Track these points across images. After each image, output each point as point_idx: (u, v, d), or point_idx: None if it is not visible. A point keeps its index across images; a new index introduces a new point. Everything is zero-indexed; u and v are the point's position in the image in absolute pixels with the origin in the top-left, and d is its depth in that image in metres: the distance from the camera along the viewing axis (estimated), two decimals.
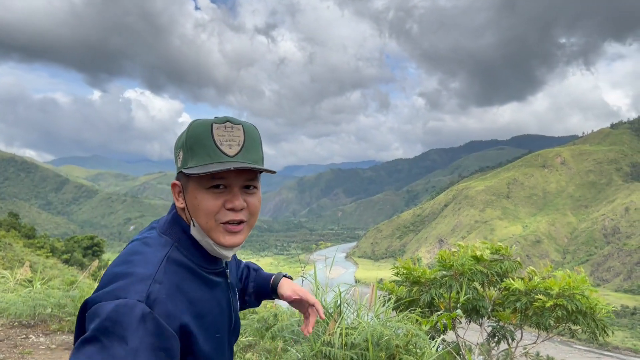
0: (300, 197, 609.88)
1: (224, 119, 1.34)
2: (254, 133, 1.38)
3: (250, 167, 1.30)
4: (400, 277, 5.99)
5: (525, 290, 5.35)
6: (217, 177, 1.32)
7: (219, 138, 1.31)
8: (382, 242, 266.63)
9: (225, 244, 1.37)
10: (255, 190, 1.40)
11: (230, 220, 1.35)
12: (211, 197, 1.33)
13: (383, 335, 3.58)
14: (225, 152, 1.30)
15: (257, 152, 1.37)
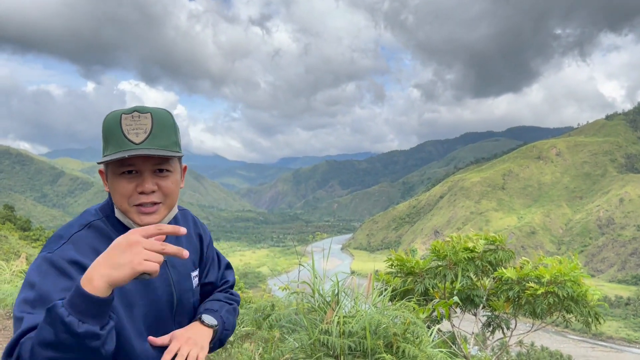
0: (295, 189, 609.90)
1: (132, 109, 1.45)
2: (165, 119, 1.48)
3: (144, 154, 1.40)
4: (395, 268, 6.04)
5: (518, 279, 5.42)
6: (127, 164, 1.45)
7: (127, 127, 1.42)
8: (377, 233, 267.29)
9: (140, 224, 1.48)
10: (168, 174, 1.51)
11: (142, 202, 1.48)
12: (124, 182, 1.46)
13: (381, 324, 3.60)
14: (132, 140, 1.41)
15: (166, 137, 1.47)
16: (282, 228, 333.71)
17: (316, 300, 4.13)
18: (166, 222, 1.58)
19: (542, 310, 5.22)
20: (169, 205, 1.54)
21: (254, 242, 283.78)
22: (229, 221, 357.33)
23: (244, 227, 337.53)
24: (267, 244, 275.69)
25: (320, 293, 4.11)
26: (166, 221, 1.58)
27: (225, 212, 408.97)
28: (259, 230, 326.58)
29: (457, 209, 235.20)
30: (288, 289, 5.28)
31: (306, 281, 4.28)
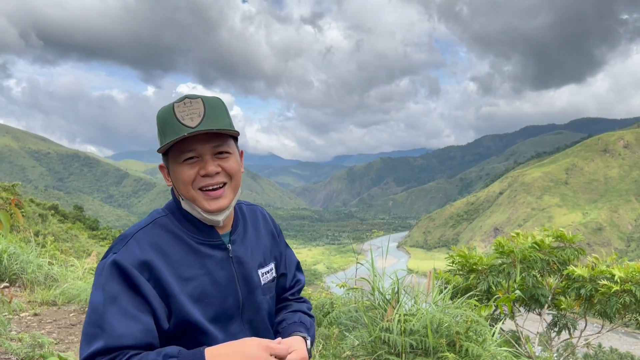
0: (350, 187, 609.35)
1: (183, 97, 1.46)
2: (216, 104, 1.48)
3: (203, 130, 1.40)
4: (456, 265, 5.93)
5: (590, 277, 5.19)
6: (187, 150, 1.45)
7: (181, 114, 1.42)
8: (434, 231, 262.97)
9: (209, 209, 1.48)
10: (229, 155, 1.50)
11: (207, 184, 1.47)
12: (187, 168, 1.46)
13: (442, 322, 3.56)
14: (187, 125, 1.41)
15: (220, 119, 1.46)
16: (337, 226, 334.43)
17: (376, 298, 4.12)
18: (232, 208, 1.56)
19: (616, 310, 4.97)
20: (234, 187, 1.54)
21: (309, 240, 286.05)
22: (285, 219, 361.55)
23: (300, 225, 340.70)
24: (323, 242, 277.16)
25: (380, 291, 4.10)
26: (233, 205, 1.56)
27: (281, 210, 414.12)
28: (314, 228, 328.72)
29: (518, 206, 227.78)
30: (346, 287, 5.29)
31: (365, 278, 4.28)
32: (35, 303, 6.99)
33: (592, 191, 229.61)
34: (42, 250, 10.61)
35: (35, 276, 7.94)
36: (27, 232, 12.90)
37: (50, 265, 8.64)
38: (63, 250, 16.43)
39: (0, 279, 7.60)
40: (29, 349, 4.58)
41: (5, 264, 7.66)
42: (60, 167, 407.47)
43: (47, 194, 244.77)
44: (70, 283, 7.49)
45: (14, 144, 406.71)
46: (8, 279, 7.68)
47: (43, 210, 32.15)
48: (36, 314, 6.51)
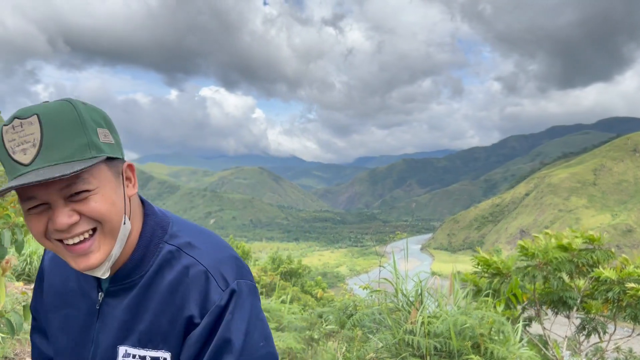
0: (372, 188, 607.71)
1: (12, 117, 0.98)
2: (60, 117, 0.97)
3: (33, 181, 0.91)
4: (481, 267, 5.88)
5: (618, 280, 5.08)
6: (26, 197, 0.99)
7: (10, 145, 0.96)
8: (459, 233, 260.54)
9: (78, 269, 1.05)
10: (89, 194, 1.00)
11: (62, 238, 1.01)
12: (34, 220, 1.02)
13: (466, 324, 3.52)
14: (19, 162, 0.95)
15: (67, 144, 0.97)
16: (359, 228, 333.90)
17: (399, 300, 4.12)
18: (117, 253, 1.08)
19: None
20: (109, 232, 1.04)
21: (331, 242, 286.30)
22: (307, 221, 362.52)
23: (322, 227, 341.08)
24: (345, 244, 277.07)
25: (403, 293, 4.10)
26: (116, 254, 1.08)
27: (304, 212, 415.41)
28: (336, 230, 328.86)
29: (544, 207, 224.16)
30: (369, 289, 5.29)
31: (388, 280, 4.28)
32: None
33: (621, 192, 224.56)
34: None
35: None
36: None
37: None
38: None
39: (30, 280, 7.79)
40: None
41: (35, 265, 7.85)
42: None
43: None
44: None
45: None
46: None
47: None
48: None
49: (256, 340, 1.10)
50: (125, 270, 1.12)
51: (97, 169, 1.01)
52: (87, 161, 0.96)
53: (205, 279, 1.10)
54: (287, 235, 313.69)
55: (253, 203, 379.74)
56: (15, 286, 6.74)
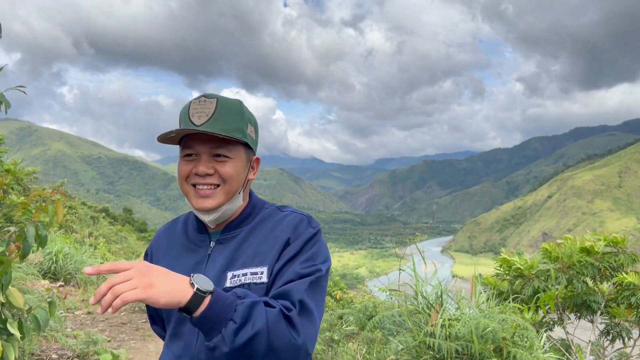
0: (392, 190, 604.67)
1: (201, 95, 1.49)
2: (231, 106, 1.48)
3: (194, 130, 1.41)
4: (503, 269, 5.81)
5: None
6: (187, 147, 1.48)
7: (192, 111, 1.45)
8: (480, 235, 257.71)
9: (195, 207, 1.50)
10: (226, 159, 1.47)
11: (196, 182, 1.48)
12: (184, 164, 1.49)
13: (487, 327, 3.46)
14: (194, 122, 1.43)
15: (228, 122, 1.45)
16: (379, 230, 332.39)
17: (419, 303, 4.10)
18: (227, 212, 1.53)
19: None
20: (227, 192, 1.49)
21: (351, 244, 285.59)
22: (327, 222, 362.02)
23: (342, 229, 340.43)
24: (365, 246, 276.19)
25: (423, 295, 4.07)
26: (227, 211, 1.52)
27: (323, 213, 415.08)
28: (356, 232, 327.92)
29: (567, 210, 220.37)
30: (389, 291, 5.28)
31: (409, 283, 4.26)
32: (88, 302, 7.27)
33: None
34: (94, 251, 11.01)
35: (89, 276, 8.27)
36: (81, 233, 13.42)
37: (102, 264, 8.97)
38: (113, 251, 17.02)
39: (56, 278, 7.95)
40: (84, 345, 4.78)
41: (60, 263, 8.01)
42: (110, 171, 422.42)
43: (98, 197, 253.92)
44: None
45: (68, 149, 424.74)
46: (63, 278, 8.02)
47: (95, 212, 33.39)
48: (89, 313, 6.77)
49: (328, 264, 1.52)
50: (233, 224, 1.55)
51: (238, 147, 1.50)
52: (232, 137, 1.44)
53: (299, 220, 1.53)
54: None
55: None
56: (41, 284, 6.88)
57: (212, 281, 1.31)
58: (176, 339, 1.50)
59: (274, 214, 1.58)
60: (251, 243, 1.51)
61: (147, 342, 5.69)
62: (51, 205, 2.16)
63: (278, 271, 1.44)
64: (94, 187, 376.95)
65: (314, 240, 1.51)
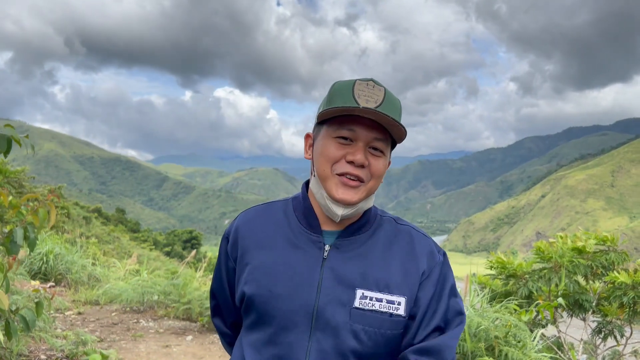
0: (387, 189, 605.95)
1: (368, 78, 1.30)
2: (395, 101, 1.30)
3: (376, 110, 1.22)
4: (495, 270, 5.82)
5: (633, 284, 4.99)
6: (346, 127, 1.27)
7: (358, 92, 1.25)
8: (474, 235, 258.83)
9: (336, 197, 1.28)
10: (381, 156, 1.31)
11: (346, 172, 1.27)
12: (335, 146, 1.29)
13: (480, 326, 3.48)
14: (360, 105, 1.23)
15: (394, 114, 1.26)
16: None
17: None
18: (359, 210, 1.34)
19: None
20: (369, 189, 1.32)
21: None
22: None
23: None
24: None
25: None
26: (359, 209, 1.33)
27: None
28: None
29: (561, 209, 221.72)
30: None
31: None
32: (79, 302, 7.21)
33: (639, 194, 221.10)
34: (86, 251, 10.93)
35: (79, 276, 8.20)
36: (73, 233, 13.33)
37: (93, 266, 8.91)
38: (105, 251, 16.92)
39: (47, 279, 7.88)
40: (73, 346, 4.73)
41: (51, 264, 7.94)
42: (103, 171, 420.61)
43: (90, 197, 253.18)
44: (112, 283, 7.70)
45: (60, 148, 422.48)
46: (54, 279, 7.96)
47: (87, 213, 33.24)
48: (80, 313, 6.71)
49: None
50: (355, 226, 1.36)
51: (389, 146, 1.33)
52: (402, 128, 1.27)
53: (426, 241, 1.40)
54: None
55: None
56: (31, 285, 6.81)
57: (335, 295, 1.27)
58: (272, 347, 1.31)
59: (391, 225, 1.43)
60: (379, 259, 1.34)
61: (138, 342, 5.64)
62: (42, 209, 2.12)
63: (417, 307, 1.31)
64: (86, 187, 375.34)
65: (448, 268, 1.41)
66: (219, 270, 1.51)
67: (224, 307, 1.55)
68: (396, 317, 1.27)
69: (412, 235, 1.40)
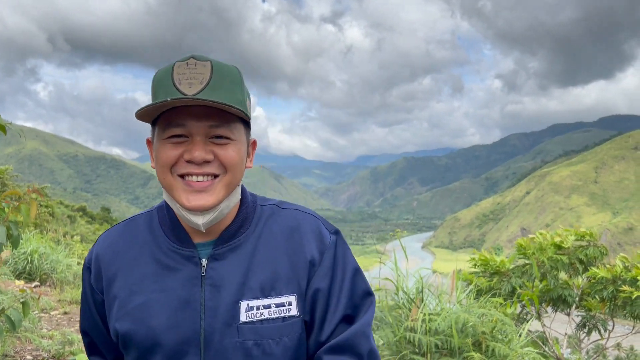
0: (373, 187, 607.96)
1: (189, 56, 1.07)
2: (229, 72, 1.08)
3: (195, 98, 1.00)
4: (478, 268, 5.89)
5: (613, 278, 5.10)
6: (175, 124, 1.06)
7: (179, 77, 1.03)
8: (460, 231, 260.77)
9: (186, 205, 1.06)
10: (229, 142, 1.08)
11: (189, 172, 1.06)
12: (169, 148, 1.07)
13: (467, 322, 3.51)
14: (182, 92, 1.02)
15: (229, 92, 1.06)
16: (360, 227, 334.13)
17: (400, 298, 4.12)
18: (224, 211, 1.12)
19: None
20: (228, 184, 1.10)
21: None
22: None
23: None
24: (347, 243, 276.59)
25: (404, 290, 4.10)
26: (224, 209, 1.12)
27: None
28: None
29: (545, 205, 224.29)
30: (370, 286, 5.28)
31: (389, 278, 4.28)
32: (65, 302, 7.15)
33: (622, 190, 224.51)
34: (71, 250, 10.84)
35: (65, 276, 8.13)
36: (57, 233, 13.20)
37: (79, 265, 8.85)
38: None
39: (32, 278, 7.80)
40: (60, 346, 4.70)
41: (36, 263, 7.86)
42: (87, 170, 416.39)
43: (75, 196, 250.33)
44: None
45: (43, 147, 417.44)
46: (39, 278, 7.88)
47: (72, 211, 32.94)
48: (66, 313, 6.66)
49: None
50: (230, 230, 1.15)
51: (239, 126, 1.10)
52: (237, 111, 1.04)
53: (315, 223, 1.21)
54: None
55: None
56: (16, 285, 6.74)
57: (219, 315, 1.10)
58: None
59: (276, 215, 1.22)
60: (261, 258, 1.15)
61: None
62: (24, 204, 2.02)
63: (316, 300, 1.15)
64: (71, 185, 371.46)
65: (343, 249, 1.22)
66: (87, 305, 1.25)
67: (101, 344, 1.30)
68: (290, 320, 1.12)
69: (298, 218, 1.22)
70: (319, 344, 1.15)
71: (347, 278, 1.17)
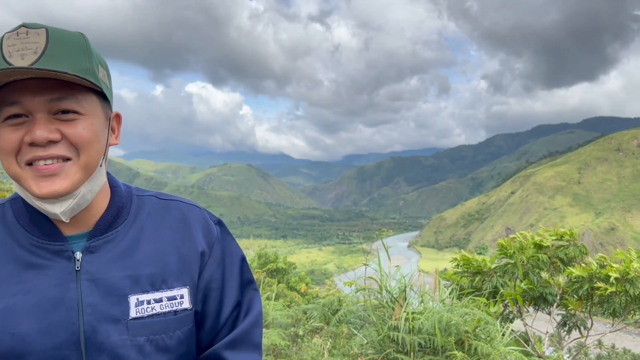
0: (360, 186, 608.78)
1: (19, 25, 0.92)
2: (69, 39, 0.94)
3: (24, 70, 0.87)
4: (461, 268, 5.97)
5: (588, 276, 5.22)
6: (9, 103, 0.91)
7: (9, 49, 0.89)
8: (445, 231, 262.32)
9: (37, 194, 0.93)
10: (77, 117, 0.94)
11: (35, 157, 0.92)
12: (8, 131, 0.93)
13: (451, 321, 3.57)
14: (13, 64, 0.87)
15: (71, 60, 0.91)
16: (347, 226, 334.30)
17: (384, 297, 4.18)
18: (87, 196, 1.00)
19: (620, 310, 4.99)
20: (84, 165, 0.96)
21: (319, 240, 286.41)
22: (295, 219, 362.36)
23: (310, 225, 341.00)
24: (333, 242, 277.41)
25: (387, 289, 4.15)
26: (86, 194, 0.99)
27: (292, 210, 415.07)
28: (324, 228, 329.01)
29: (530, 205, 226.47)
30: (355, 285, 5.34)
31: (373, 277, 4.33)
32: None
33: (605, 191, 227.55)
34: None
35: None
36: None
37: None
38: None
39: None
40: None
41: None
42: None
43: None
44: None
45: None
46: None
47: None
48: None
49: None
50: (106, 220, 1.05)
51: (90, 98, 0.97)
52: (81, 80, 0.91)
53: (200, 214, 1.17)
54: (274, 232, 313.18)
55: (241, 200, 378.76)
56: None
57: (101, 312, 0.99)
58: None
59: (158, 205, 1.15)
60: (150, 252, 1.07)
61: None
62: None
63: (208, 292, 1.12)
64: None
65: (230, 238, 1.21)
66: None
67: None
68: (182, 313, 1.07)
69: (183, 210, 1.16)
70: (216, 332, 1.13)
71: (236, 267, 1.17)
